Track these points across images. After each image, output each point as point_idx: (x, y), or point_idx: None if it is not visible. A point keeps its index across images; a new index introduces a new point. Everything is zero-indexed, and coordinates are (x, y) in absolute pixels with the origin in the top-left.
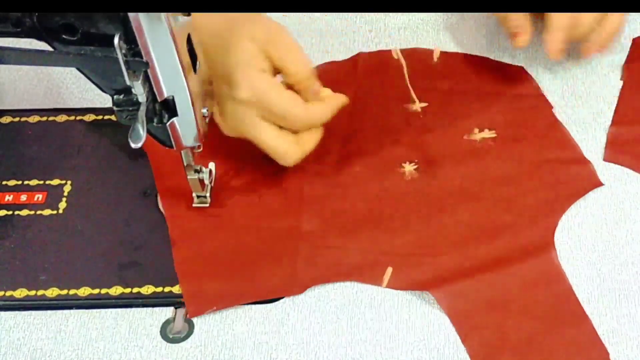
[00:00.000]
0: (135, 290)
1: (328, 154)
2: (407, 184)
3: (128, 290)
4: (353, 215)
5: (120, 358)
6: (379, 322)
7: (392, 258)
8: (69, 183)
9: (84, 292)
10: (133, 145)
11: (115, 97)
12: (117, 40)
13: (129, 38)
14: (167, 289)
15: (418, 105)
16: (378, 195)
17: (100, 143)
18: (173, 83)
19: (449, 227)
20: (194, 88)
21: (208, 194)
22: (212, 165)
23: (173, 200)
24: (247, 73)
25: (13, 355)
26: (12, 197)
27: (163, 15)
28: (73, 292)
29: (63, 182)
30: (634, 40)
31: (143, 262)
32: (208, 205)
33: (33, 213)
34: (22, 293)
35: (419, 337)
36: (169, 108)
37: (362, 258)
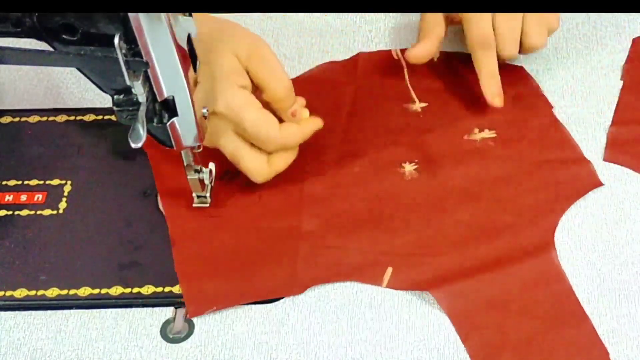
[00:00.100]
0: (136, 290)
1: (328, 154)
2: (407, 184)
3: (128, 290)
4: (353, 215)
5: (120, 358)
6: (379, 322)
7: (392, 258)
8: (69, 183)
9: (84, 292)
10: (133, 145)
11: (115, 97)
12: (117, 40)
13: (129, 38)
14: (167, 289)
15: (418, 105)
16: (378, 195)
17: (100, 143)
18: (173, 83)
19: (449, 227)
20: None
21: (208, 194)
22: (212, 165)
23: (173, 200)
24: (224, 87)
25: (13, 355)
26: (12, 197)
27: (163, 15)
28: (73, 292)
29: (63, 182)
30: (634, 40)
31: (143, 262)
32: (208, 205)
33: (33, 213)
34: (22, 293)
35: (419, 337)
36: (169, 108)
37: (362, 258)
